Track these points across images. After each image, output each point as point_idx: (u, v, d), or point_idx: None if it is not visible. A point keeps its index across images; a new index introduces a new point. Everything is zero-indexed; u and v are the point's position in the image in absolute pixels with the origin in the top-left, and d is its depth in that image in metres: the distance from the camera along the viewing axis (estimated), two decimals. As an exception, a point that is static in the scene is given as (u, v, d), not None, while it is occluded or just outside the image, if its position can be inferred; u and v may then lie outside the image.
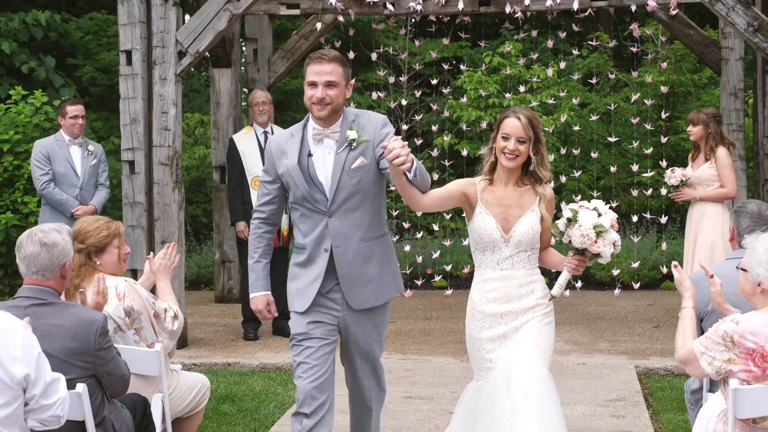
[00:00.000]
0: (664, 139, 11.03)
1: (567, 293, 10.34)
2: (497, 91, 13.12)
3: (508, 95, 12.32)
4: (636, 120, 11.53)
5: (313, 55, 4.88)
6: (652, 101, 11.63)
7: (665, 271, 10.18)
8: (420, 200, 4.77)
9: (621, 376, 7.87)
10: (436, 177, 12.12)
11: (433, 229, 11.07)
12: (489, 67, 13.44)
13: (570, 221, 4.59)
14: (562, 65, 11.56)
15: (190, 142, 15.53)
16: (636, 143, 11.28)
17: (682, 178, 8.41)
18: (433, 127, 12.03)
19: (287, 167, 4.88)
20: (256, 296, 5.06)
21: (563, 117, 11.72)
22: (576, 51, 11.73)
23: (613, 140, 11.52)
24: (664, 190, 8.73)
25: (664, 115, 11.50)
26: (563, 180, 11.07)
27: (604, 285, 12.07)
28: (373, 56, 11.03)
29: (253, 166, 9.10)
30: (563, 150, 11.46)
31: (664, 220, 10.17)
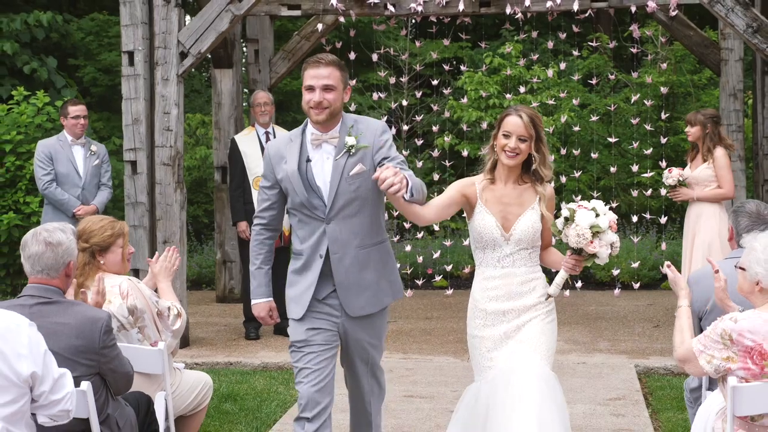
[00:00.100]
0: (664, 140, 11.07)
1: (567, 293, 10.38)
2: (498, 91, 13.16)
3: (509, 96, 12.36)
4: (636, 120, 11.57)
5: (310, 59, 4.86)
6: (651, 102, 11.67)
7: (665, 271, 10.21)
8: (423, 216, 4.77)
9: (621, 375, 7.91)
10: (436, 177, 12.20)
11: (434, 230, 11.12)
12: (489, 68, 13.48)
13: (567, 220, 4.60)
14: (563, 66, 11.60)
15: (191, 143, 15.57)
16: (636, 144, 11.32)
17: (679, 178, 8.46)
18: (434, 127, 12.07)
19: (286, 172, 4.86)
20: (258, 303, 5.06)
21: (563, 117, 11.77)
22: (576, 52, 11.77)
23: (613, 141, 11.56)
24: (664, 191, 8.77)
25: (663, 116, 11.54)
26: (563, 180, 11.11)
27: (604, 285, 12.11)
28: (374, 57, 11.07)
29: (255, 167, 9.14)
30: (563, 150, 11.51)
31: (664, 220, 10.22)
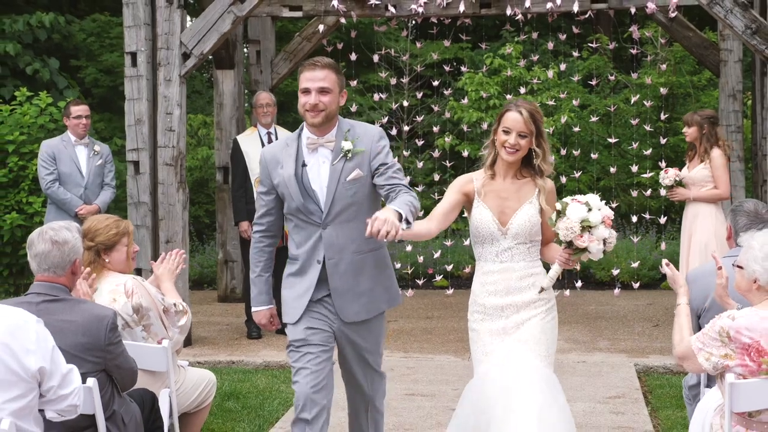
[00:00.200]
0: (664, 140, 11.13)
1: (567, 293, 10.43)
2: (498, 92, 13.22)
3: (509, 97, 12.40)
4: (636, 121, 11.62)
5: (306, 62, 4.86)
6: (651, 103, 11.73)
7: (664, 269, 10.26)
8: (429, 232, 4.79)
9: (620, 374, 7.97)
10: (437, 178, 12.27)
11: (434, 230, 11.13)
12: (490, 69, 13.54)
13: (559, 213, 4.59)
14: (563, 67, 11.66)
15: (193, 143, 15.62)
16: (635, 144, 11.37)
17: (676, 178, 8.51)
18: (435, 128, 12.14)
19: (283, 177, 4.84)
20: (259, 311, 5.06)
21: (563, 118, 11.82)
22: (576, 53, 11.83)
23: (612, 141, 11.63)
24: (663, 191, 8.82)
25: (663, 117, 11.60)
26: (563, 181, 11.16)
27: (604, 285, 12.16)
28: (375, 58, 11.13)
29: (257, 167, 9.16)
30: (563, 151, 11.56)
31: (663, 220, 10.27)
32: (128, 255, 5.29)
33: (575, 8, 9.58)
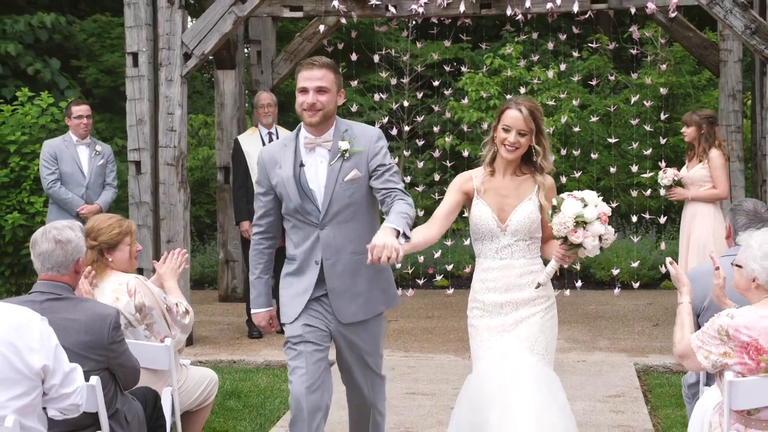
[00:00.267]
0: (664, 140, 11.16)
1: (567, 292, 10.45)
2: (498, 92, 13.25)
3: (509, 97, 12.44)
4: (635, 121, 11.65)
5: (304, 62, 4.87)
6: (651, 103, 11.75)
7: (664, 270, 10.30)
8: (431, 238, 4.81)
9: (620, 373, 7.99)
10: (437, 177, 12.30)
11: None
12: (490, 69, 13.56)
13: (555, 209, 4.59)
14: (563, 67, 11.69)
15: (193, 143, 15.65)
16: (635, 144, 11.40)
17: (674, 178, 8.54)
18: (435, 128, 12.17)
19: (281, 177, 4.83)
20: (258, 312, 5.04)
21: (563, 118, 11.85)
22: (576, 53, 11.86)
23: (612, 141, 11.66)
24: (663, 191, 8.84)
25: (663, 117, 11.63)
26: (563, 180, 11.19)
27: (604, 284, 12.19)
28: (376, 58, 11.15)
29: (258, 167, 9.22)
30: (563, 151, 11.60)
31: (663, 220, 10.30)
32: (131, 254, 5.32)
33: (575, 8, 9.61)
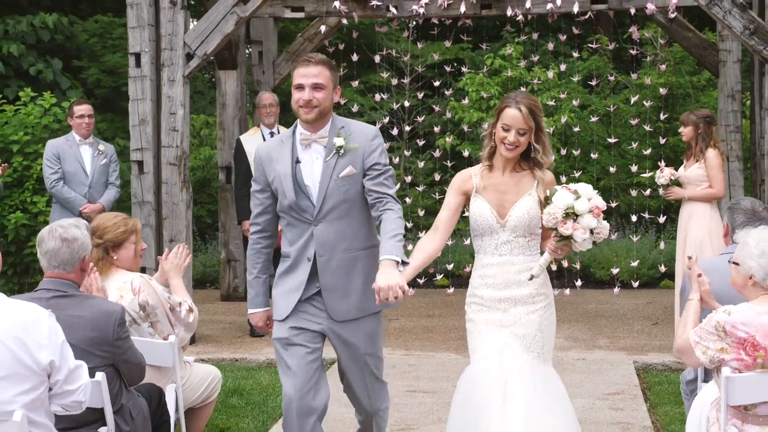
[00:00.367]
0: (663, 140, 11.21)
1: (567, 291, 10.50)
2: (498, 92, 13.29)
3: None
4: (635, 121, 11.70)
5: (300, 59, 4.87)
6: (651, 103, 11.81)
7: (664, 269, 10.37)
8: (436, 248, 4.82)
9: (620, 371, 8.05)
10: (437, 177, 12.35)
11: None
12: (490, 69, 13.61)
13: (547, 199, 4.57)
14: (563, 67, 11.74)
15: (195, 143, 15.70)
16: (635, 144, 11.45)
17: (671, 178, 8.59)
18: (435, 128, 12.23)
19: (278, 173, 4.82)
20: (256, 312, 5.01)
21: (563, 118, 11.91)
22: (576, 53, 11.92)
23: (612, 141, 11.71)
24: (662, 190, 8.89)
25: (663, 117, 11.67)
26: (563, 180, 11.24)
27: (604, 284, 12.24)
28: (376, 58, 11.20)
29: (259, 166, 9.27)
30: (563, 151, 11.65)
31: (663, 219, 10.35)
32: (136, 253, 5.38)
33: (575, 9, 9.65)
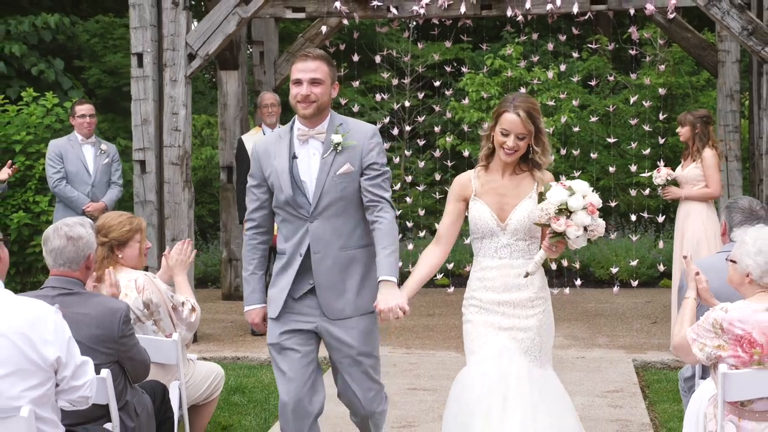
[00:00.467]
0: (662, 140, 11.27)
1: (567, 291, 10.55)
2: (498, 93, 13.34)
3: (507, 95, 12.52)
4: (635, 121, 11.76)
5: (298, 54, 4.85)
6: (650, 103, 11.87)
7: (663, 269, 10.43)
8: (440, 258, 4.87)
9: (619, 369, 8.10)
10: (438, 177, 12.40)
11: (436, 229, 11.26)
12: (490, 70, 13.67)
13: (542, 195, 4.53)
14: (563, 68, 11.80)
15: (196, 143, 15.75)
16: (635, 144, 11.50)
17: (668, 178, 8.65)
18: (436, 128, 12.29)
19: (275, 169, 4.80)
20: (252, 309, 4.97)
21: (563, 118, 11.96)
22: (576, 54, 11.98)
23: (612, 141, 11.77)
24: (659, 190, 8.94)
25: (662, 117, 11.73)
26: (563, 180, 11.28)
27: (603, 283, 12.30)
28: (377, 59, 11.26)
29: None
30: (563, 151, 11.70)
31: (662, 219, 10.41)
32: (141, 251, 5.43)
33: (575, 9, 9.71)
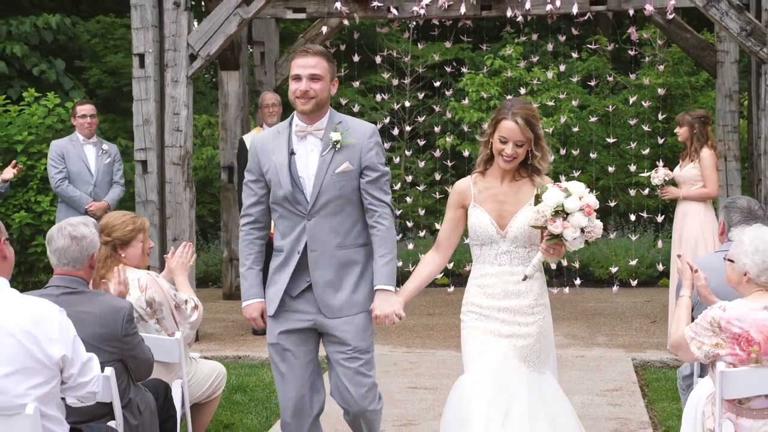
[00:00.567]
0: (662, 140, 11.31)
1: (567, 290, 10.59)
2: (498, 93, 13.39)
3: (508, 97, 12.57)
4: (634, 121, 11.80)
5: (298, 49, 4.84)
6: (649, 103, 11.91)
7: (662, 268, 10.48)
8: (439, 264, 4.94)
9: (618, 368, 8.14)
10: (438, 177, 12.44)
11: (436, 229, 11.31)
12: (490, 70, 13.72)
13: (537, 197, 4.49)
14: (562, 68, 11.85)
15: (197, 144, 15.78)
16: (634, 144, 11.55)
17: (665, 178, 8.70)
18: (436, 128, 12.33)
19: (274, 164, 4.78)
20: (250, 304, 4.95)
21: (563, 118, 12.01)
22: (575, 54, 12.02)
23: (611, 141, 11.81)
24: (658, 190, 8.98)
25: (661, 117, 11.78)
26: (563, 180, 11.33)
27: (603, 282, 12.35)
28: (377, 59, 11.30)
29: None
30: (563, 151, 11.75)
31: (661, 219, 10.45)
32: (143, 251, 5.47)
33: (574, 10, 9.75)
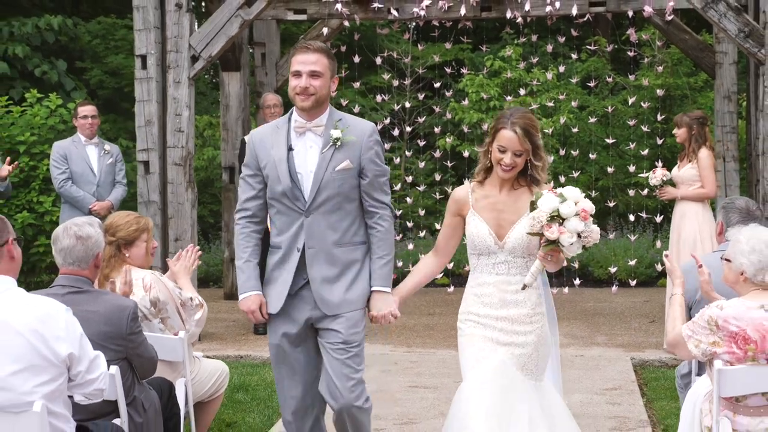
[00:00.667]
0: (661, 141, 11.36)
1: (566, 290, 10.64)
2: (498, 93, 13.45)
3: (509, 98, 12.63)
4: (633, 122, 11.85)
5: (298, 45, 4.82)
6: (648, 104, 11.96)
7: (661, 268, 10.51)
8: (438, 267, 4.96)
9: (617, 367, 8.20)
10: (438, 178, 12.49)
11: (436, 229, 11.37)
12: (490, 71, 13.77)
13: (533, 204, 4.46)
14: (562, 69, 11.91)
15: (199, 144, 15.82)
16: (633, 145, 11.60)
17: (663, 178, 8.75)
18: (436, 129, 12.37)
19: (272, 159, 4.76)
20: (248, 296, 4.88)
21: (562, 119, 12.06)
22: (575, 55, 12.07)
23: (610, 142, 11.86)
24: (656, 190, 9.03)
25: (660, 118, 11.83)
26: (562, 181, 11.40)
27: (602, 282, 12.40)
28: (378, 60, 11.34)
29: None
30: (562, 151, 11.80)
31: (660, 219, 10.50)
32: (147, 250, 5.51)
33: (574, 11, 9.80)
